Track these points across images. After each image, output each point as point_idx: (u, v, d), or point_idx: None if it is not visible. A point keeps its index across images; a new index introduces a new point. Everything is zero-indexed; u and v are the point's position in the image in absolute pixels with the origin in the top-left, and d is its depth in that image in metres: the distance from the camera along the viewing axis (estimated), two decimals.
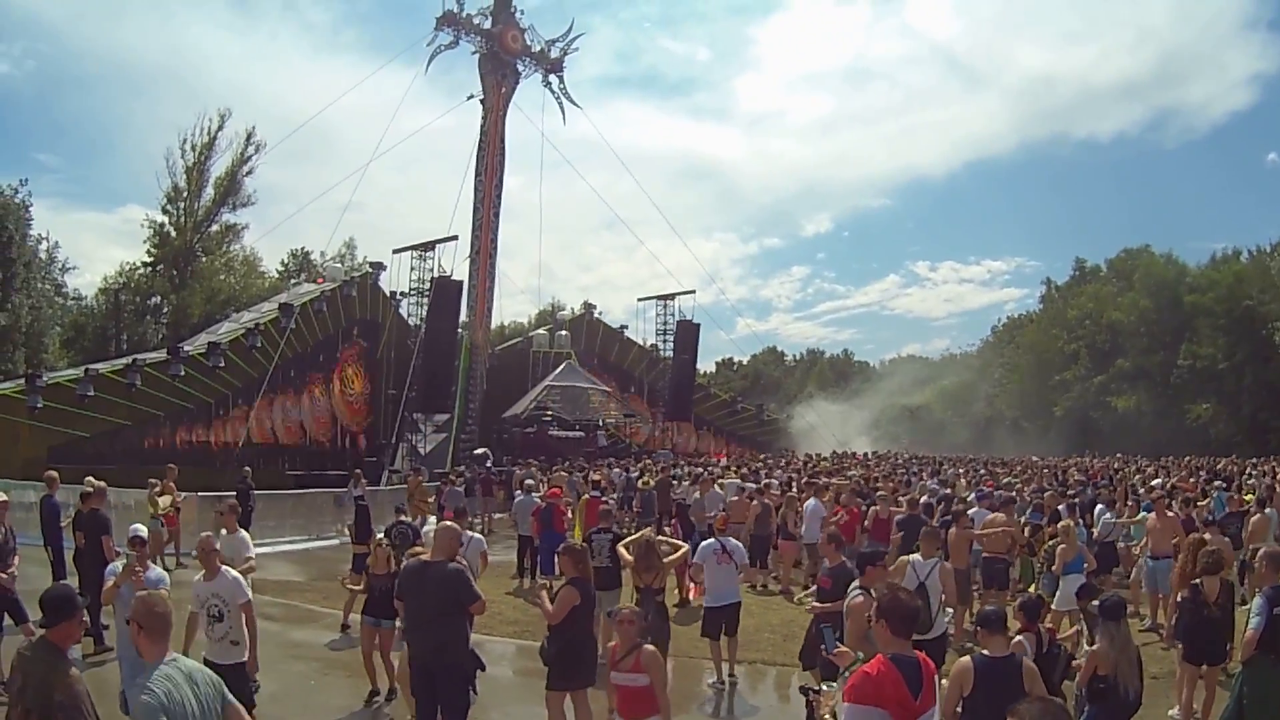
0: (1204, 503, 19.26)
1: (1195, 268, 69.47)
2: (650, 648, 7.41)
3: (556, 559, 10.98)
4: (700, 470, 27.99)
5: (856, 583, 8.68)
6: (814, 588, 12.15)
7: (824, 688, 5.46)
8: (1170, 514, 14.90)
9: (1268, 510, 16.37)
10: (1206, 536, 12.18)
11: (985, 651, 6.68)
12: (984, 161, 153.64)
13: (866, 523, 17.34)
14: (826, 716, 5.38)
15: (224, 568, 8.70)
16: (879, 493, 19.41)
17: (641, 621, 7.57)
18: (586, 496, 19.42)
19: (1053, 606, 11.66)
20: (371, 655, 10.60)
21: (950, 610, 11.48)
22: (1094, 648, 7.74)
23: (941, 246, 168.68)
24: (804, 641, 10.45)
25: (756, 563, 17.83)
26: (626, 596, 11.44)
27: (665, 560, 11.10)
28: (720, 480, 23.31)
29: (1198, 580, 9.96)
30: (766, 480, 23.26)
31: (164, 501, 19.09)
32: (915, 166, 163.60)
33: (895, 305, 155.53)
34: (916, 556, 10.76)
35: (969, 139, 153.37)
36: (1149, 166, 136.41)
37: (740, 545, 13.02)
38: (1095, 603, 8.30)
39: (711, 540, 12.45)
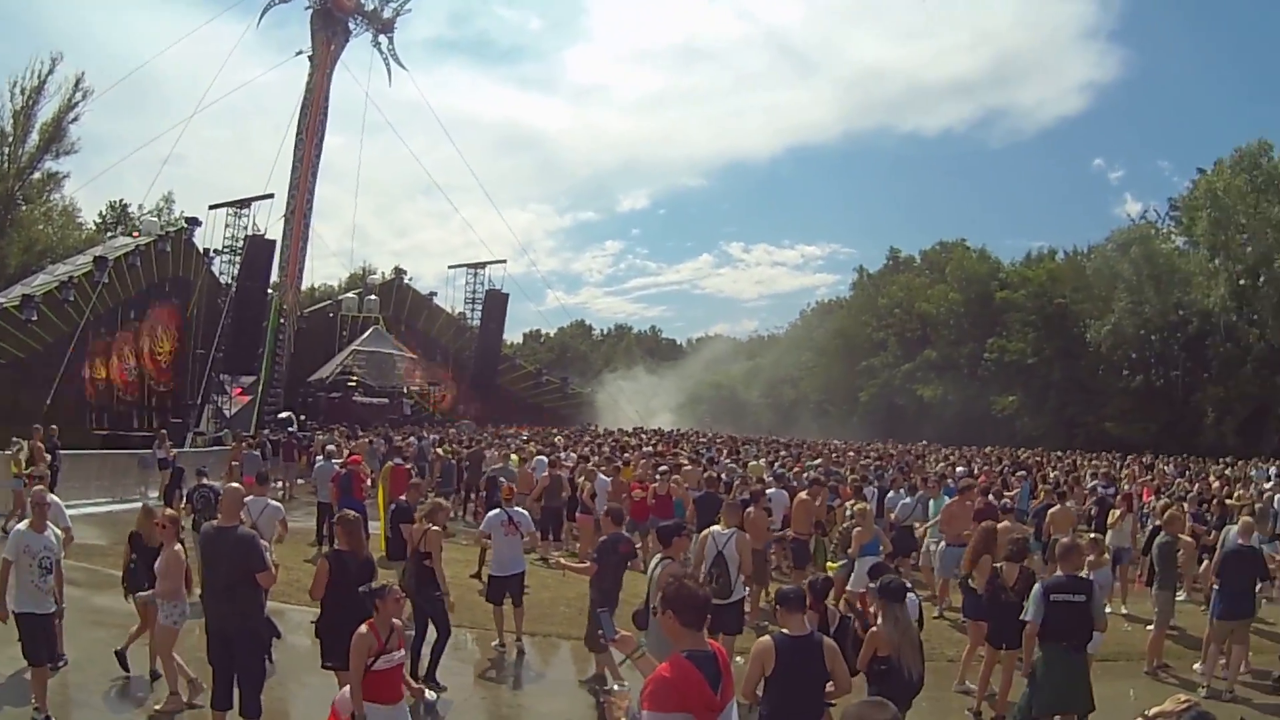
0: (1012, 493, 20.82)
1: (1009, 264, 71.98)
2: (397, 622, 7.34)
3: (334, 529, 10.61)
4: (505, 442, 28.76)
5: (659, 555, 9.26)
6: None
7: (615, 688, 4.99)
8: (970, 503, 15.33)
9: (1069, 503, 17.56)
10: (1005, 524, 12.80)
11: (785, 630, 6.68)
12: (807, 148, 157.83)
13: (650, 499, 17.48)
14: (621, 718, 5.02)
15: (49, 524, 9.03)
16: (661, 469, 19.62)
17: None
18: (390, 465, 19.37)
19: (848, 587, 12.14)
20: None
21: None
22: (874, 629, 7.84)
23: (757, 229, 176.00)
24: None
25: (549, 535, 18.36)
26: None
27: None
28: (511, 455, 23.84)
29: (999, 565, 10.38)
30: (557, 454, 23.69)
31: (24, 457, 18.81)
32: (738, 148, 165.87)
33: (706, 285, 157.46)
34: (717, 528, 11.08)
35: (794, 125, 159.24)
36: (973, 163, 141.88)
37: (526, 514, 13.41)
38: (872, 585, 8.52)
39: (498, 510, 12.73)
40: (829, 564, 14.01)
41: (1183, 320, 58.07)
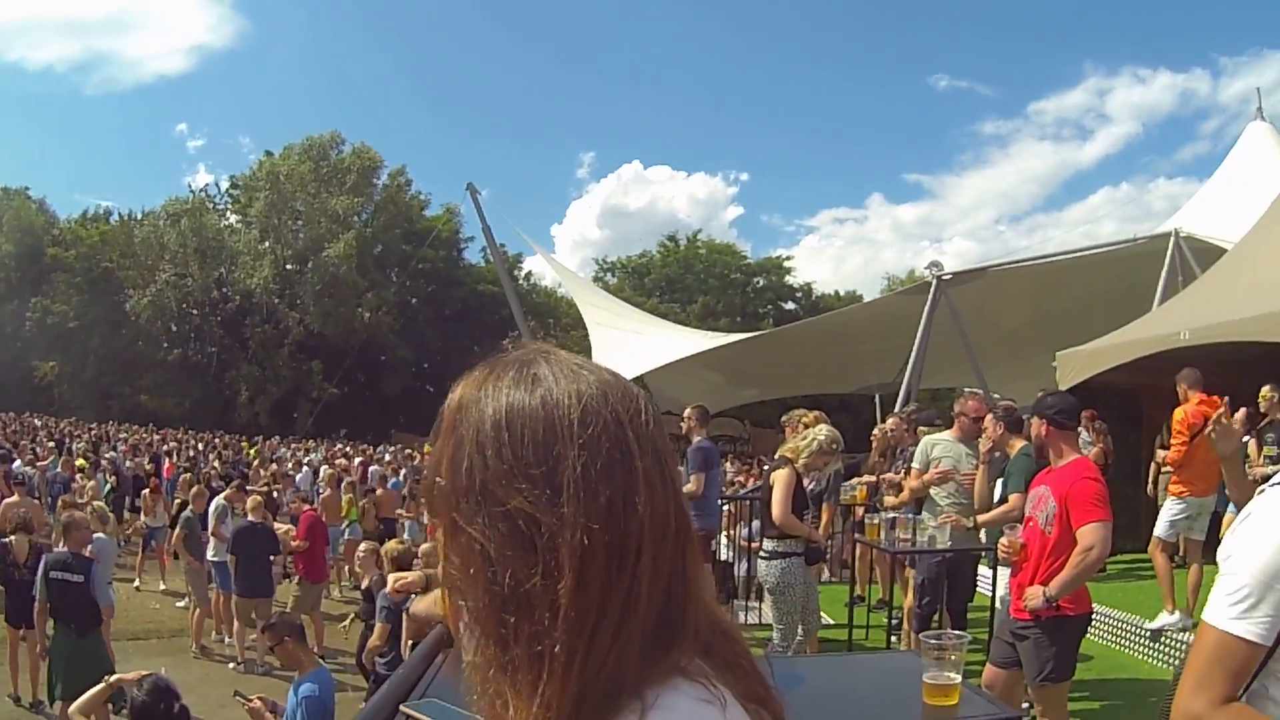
0: (43, 463, 21.06)
1: (65, 221, 67.65)
2: None
3: None
4: None
5: None
6: None
7: None
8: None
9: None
10: (13, 499, 12.86)
11: None
12: None
13: None
14: None
15: None
16: None
17: None
18: None
19: None
20: None
21: None
22: None
23: None
24: None
25: None
26: None
27: None
28: None
29: (9, 539, 9.93)
30: None
31: None
32: None
33: None
34: None
35: None
36: (65, 108, 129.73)
37: None
38: None
39: None
40: None
41: (225, 297, 59.33)
